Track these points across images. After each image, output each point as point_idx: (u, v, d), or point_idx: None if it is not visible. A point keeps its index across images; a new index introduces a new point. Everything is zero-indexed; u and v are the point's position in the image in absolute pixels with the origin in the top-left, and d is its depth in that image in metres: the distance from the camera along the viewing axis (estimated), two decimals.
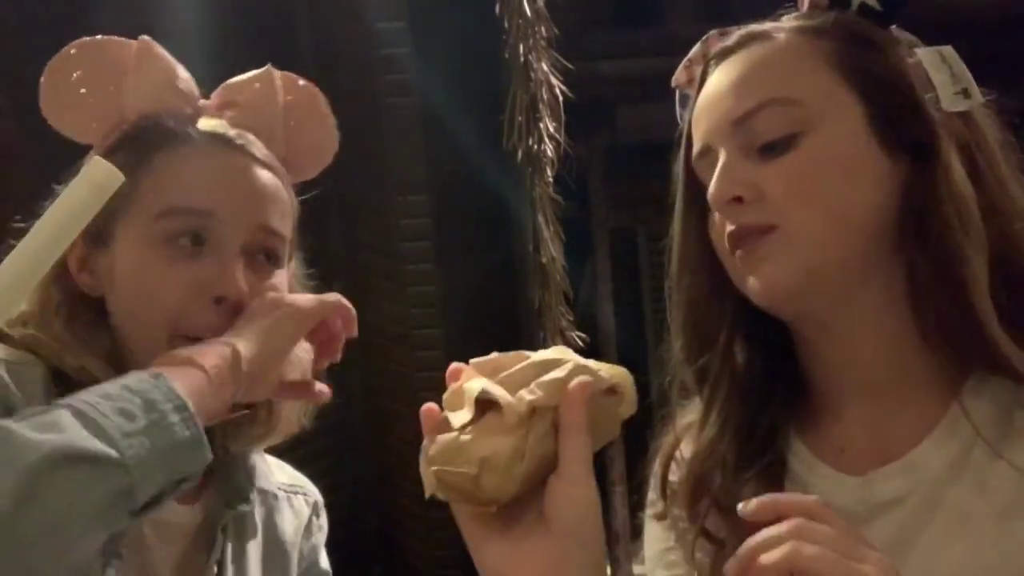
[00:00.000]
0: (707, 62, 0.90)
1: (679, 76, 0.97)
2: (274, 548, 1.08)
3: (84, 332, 0.93)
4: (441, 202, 2.72)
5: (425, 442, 0.72)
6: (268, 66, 1.04)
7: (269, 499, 1.09)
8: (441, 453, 0.69)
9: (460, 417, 0.70)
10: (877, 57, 0.83)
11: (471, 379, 0.71)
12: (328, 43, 2.71)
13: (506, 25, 2.47)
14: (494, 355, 0.74)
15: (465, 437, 0.68)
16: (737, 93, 0.83)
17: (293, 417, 1.07)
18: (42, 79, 0.97)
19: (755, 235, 0.80)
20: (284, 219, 0.99)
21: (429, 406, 0.73)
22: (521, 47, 2.49)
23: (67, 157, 0.98)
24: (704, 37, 0.96)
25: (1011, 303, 0.78)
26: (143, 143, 0.97)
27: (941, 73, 0.82)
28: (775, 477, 0.86)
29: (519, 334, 2.77)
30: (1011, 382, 0.78)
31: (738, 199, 0.80)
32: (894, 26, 0.87)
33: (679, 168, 0.91)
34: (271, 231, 0.97)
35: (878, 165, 0.81)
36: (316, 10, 2.73)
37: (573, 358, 0.73)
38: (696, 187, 0.87)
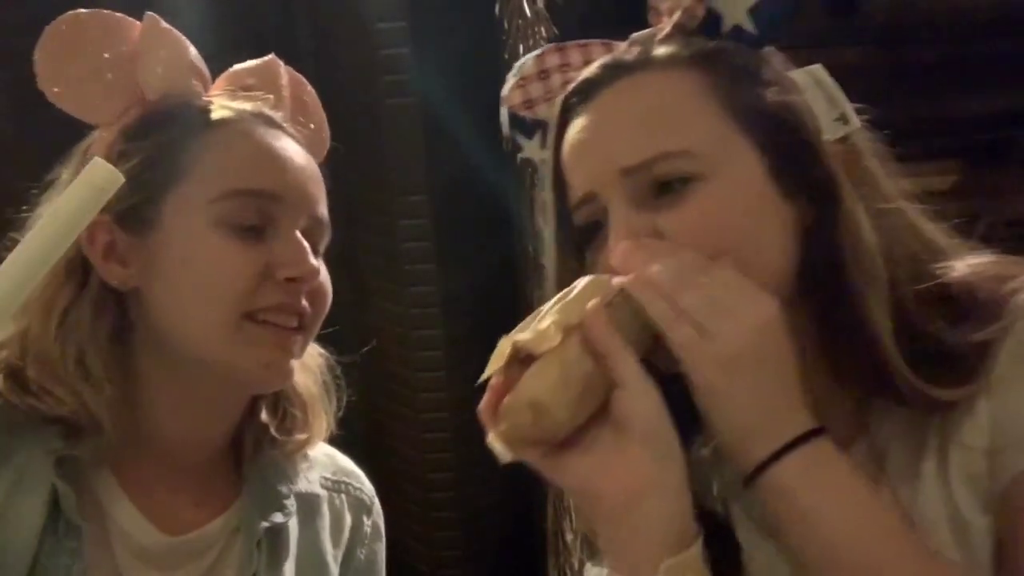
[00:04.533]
0: (569, 97, 0.84)
1: (513, 96, 0.92)
2: (310, 560, 1.00)
3: (99, 350, 0.87)
4: (441, 202, 2.71)
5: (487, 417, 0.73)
6: (272, 55, 1.00)
7: (309, 503, 1.01)
8: (500, 418, 0.71)
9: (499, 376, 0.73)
10: (764, 93, 0.79)
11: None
12: (328, 43, 2.70)
13: (506, 25, 2.47)
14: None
15: (513, 397, 0.70)
16: (624, 140, 0.79)
17: (326, 416, 1.04)
18: (38, 50, 0.91)
19: None
20: (326, 207, 0.96)
21: (492, 385, 0.73)
22: (521, 47, 2.49)
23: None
24: (538, 51, 0.92)
25: (907, 339, 0.77)
26: (183, 120, 0.91)
27: (818, 100, 0.79)
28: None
29: None
30: (917, 413, 0.78)
31: None
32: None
33: (548, 209, 0.86)
34: (320, 221, 0.95)
35: (779, 212, 0.78)
36: (316, 10, 2.73)
37: (584, 280, 0.75)
38: (577, 234, 0.84)
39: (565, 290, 0.75)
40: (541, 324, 0.71)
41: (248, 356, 0.88)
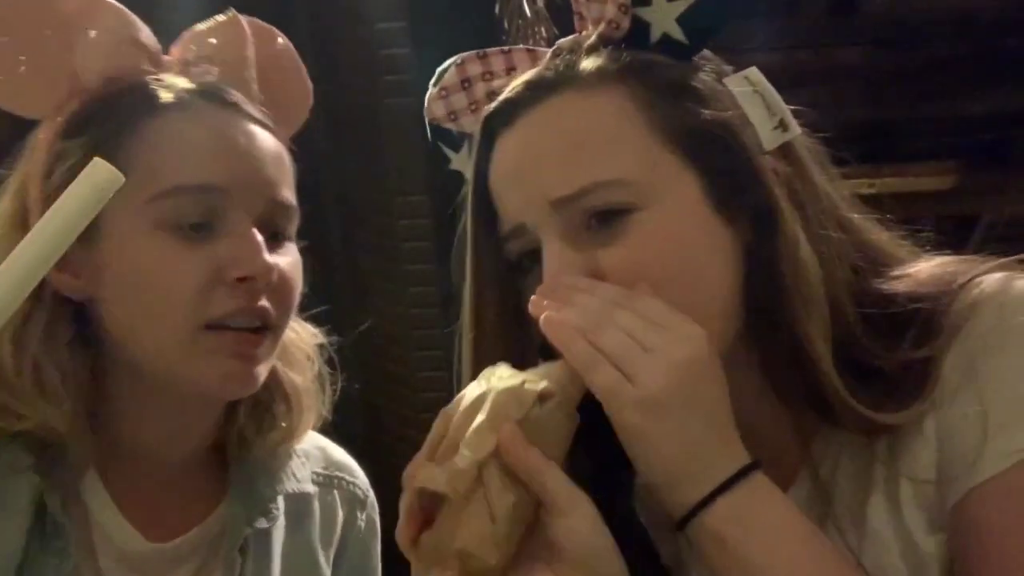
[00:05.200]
0: (491, 117, 0.79)
1: (435, 108, 0.87)
2: (300, 562, 0.97)
3: (57, 362, 0.82)
4: (441, 202, 2.71)
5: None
6: (232, 11, 0.91)
7: (299, 503, 0.97)
8: (423, 558, 0.66)
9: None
10: (698, 110, 0.74)
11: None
12: (328, 43, 2.70)
13: (506, 25, 2.47)
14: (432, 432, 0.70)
15: (435, 538, 0.65)
16: (553, 170, 0.74)
17: (315, 409, 0.98)
18: None
19: None
20: (291, 188, 0.88)
21: (408, 512, 0.67)
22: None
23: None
24: (458, 60, 0.86)
25: (850, 361, 0.74)
26: (119, 111, 0.82)
27: (756, 108, 0.75)
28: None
29: None
30: (859, 436, 0.75)
31: None
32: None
33: (468, 236, 0.81)
34: (282, 205, 0.87)
35: (720, 236, 0.74)
36: (316, 10, 2.73)
37: (495, 384, 0.68)
38: (508, 267, 0.79)
39: (477, 393, 0.68)
40: (457, 463, 0.64)
41: (206, 368, 0.82)
